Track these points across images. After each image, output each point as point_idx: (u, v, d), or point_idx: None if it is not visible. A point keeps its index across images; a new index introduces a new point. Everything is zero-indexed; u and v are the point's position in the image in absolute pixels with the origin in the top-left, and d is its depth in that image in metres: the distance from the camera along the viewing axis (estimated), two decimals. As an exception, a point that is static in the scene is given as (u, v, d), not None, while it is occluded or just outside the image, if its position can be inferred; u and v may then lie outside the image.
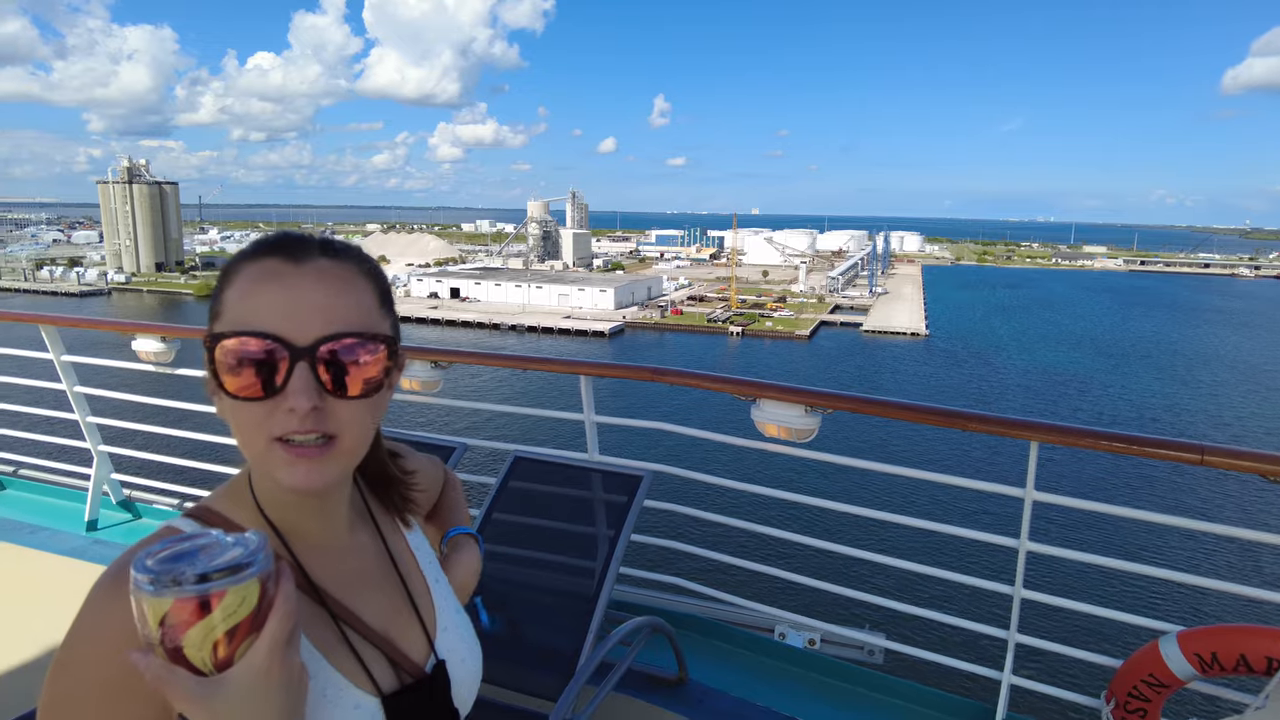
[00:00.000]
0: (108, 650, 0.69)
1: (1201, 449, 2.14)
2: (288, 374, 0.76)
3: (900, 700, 2.91)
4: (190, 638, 0.65)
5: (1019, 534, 2.56)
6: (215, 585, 0.64)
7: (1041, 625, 2.45)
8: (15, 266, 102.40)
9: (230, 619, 0.66)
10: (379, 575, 0.93)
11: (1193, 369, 58.83)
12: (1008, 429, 2.45)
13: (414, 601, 0.95)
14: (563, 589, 2.68)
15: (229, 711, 0.65)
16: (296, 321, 0.77)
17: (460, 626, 0.99)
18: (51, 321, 4.17)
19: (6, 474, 4.92)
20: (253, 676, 0.66)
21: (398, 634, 0.90)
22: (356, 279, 0.83)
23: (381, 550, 0.96)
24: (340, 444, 0.79)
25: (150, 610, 0.64)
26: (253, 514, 0.85)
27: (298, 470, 0.77)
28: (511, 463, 2.94)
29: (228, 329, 0.77)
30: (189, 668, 0.66)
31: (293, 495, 0.81)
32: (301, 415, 0.76)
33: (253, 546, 0.68)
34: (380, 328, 0.83)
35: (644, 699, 2.84)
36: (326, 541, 0.88)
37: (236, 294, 0.79)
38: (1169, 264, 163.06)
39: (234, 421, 0.79)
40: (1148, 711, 2.33)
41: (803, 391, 2.74)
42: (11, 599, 3.66)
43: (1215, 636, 2.18)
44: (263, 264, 0.79)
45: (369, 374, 0.80)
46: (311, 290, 0.78)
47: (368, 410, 0.82)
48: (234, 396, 0.77)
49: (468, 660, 0.97)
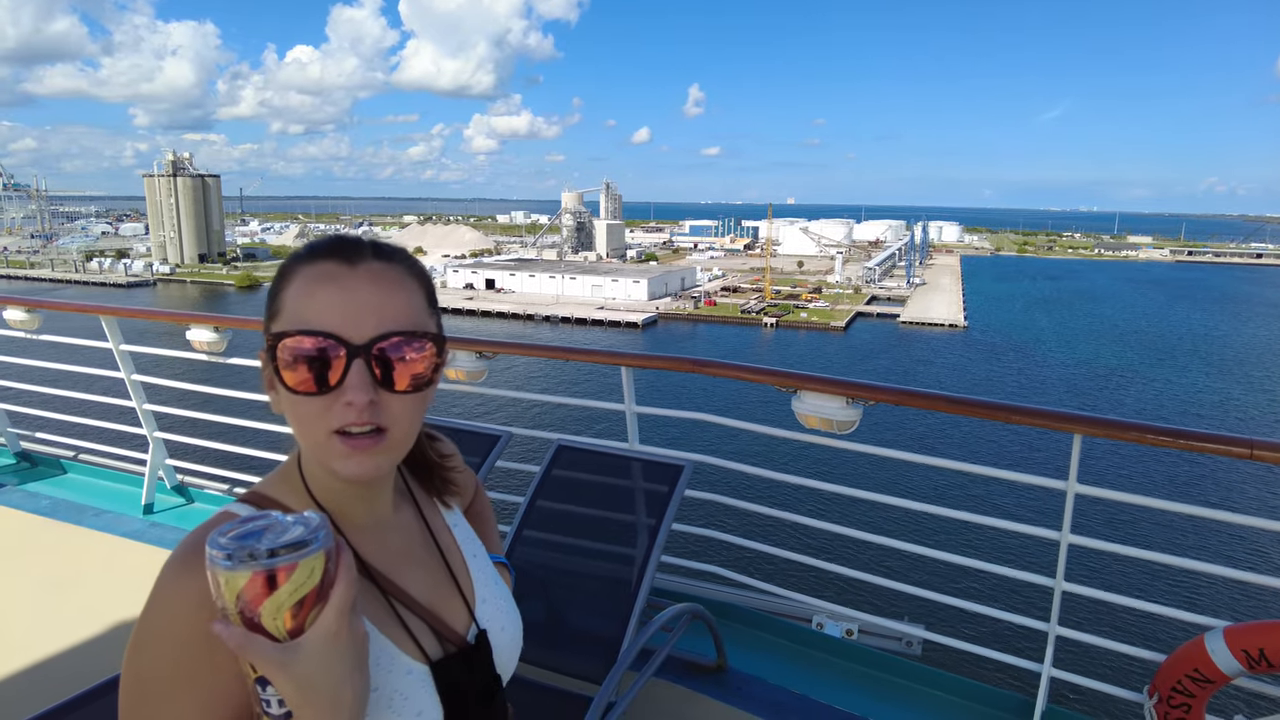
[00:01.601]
0: (186, 621, 0.75)
1: (1251, 443, 2.12)
2: (344, 370, 0.81)
3: (939, 691, 2.92)
4: (265, 608, 0.70)
5: (1061, 527, 2.55)
6: (284, 559, 0.70)
7: (1083, 618, 2.45)
8: (66, 258, 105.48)
9: (299, 591, 0.71)
10: (421, 552, 0.99)
11: (1244, 364, 57.05)
12: (1051, 421, 2.44)
13: (454, 576, 1.00)
14: (605, 576, 2.73)
15: (307, 672, 0.71)
16: (353, 321, 0.81)
17: (499, 598, 1.05)
18: (111, 312, 4.33)
19: (67, 458, 5.12)
20: (325, 640, 0.72)
21: (441, 606, 0.95)
22: (406, 280, 0.88)
23: (423, 529, 1.02)
24: (391, 436, 0.84)
25: (226, 584, 0.70)
26: (303, 498, 0.90)
27: (352, 461, 0.82)
28: (555, 452, 3.00)
29: (288, 327, 0.82)
30: (265, 635, 0.71)
31: (346, 483, 0.87)
32: (359, 409, 0.80)
33: (314, 525, 0.73)
34: (428, 326, 0.88)
35: (684, 685, 2.89)
36: (372, 523, 0.94)
37: (295, 294, 0.84)
38: (1219, 254, 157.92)
39: (292, 415, 0.84)
40: (1192, 707, 2.31)
41: (844, 383, 2.75)
42: (75, 578, 3.83)
43: (1264, 633, 2.16)
44: (319, 266, 0.84)
45: (417, 370, 0.85)
46: (366, 291, 0.83)
47: (416, 404, 0.86)
48: (293, 391, 0.82)
49: (507, 629, 1.02)
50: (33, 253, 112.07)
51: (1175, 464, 31.28)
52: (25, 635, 3.24)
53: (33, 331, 4.60)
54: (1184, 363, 56.69)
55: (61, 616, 3.40)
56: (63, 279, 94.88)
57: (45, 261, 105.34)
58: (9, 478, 4.93)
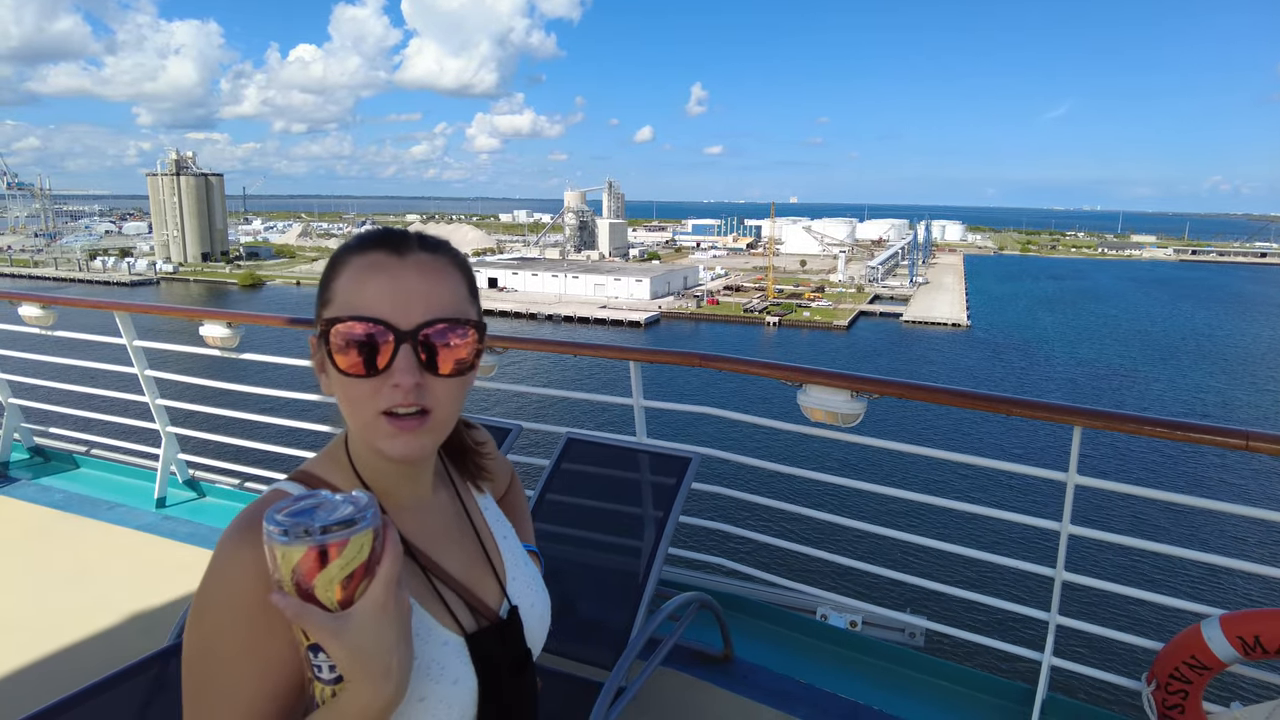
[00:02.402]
0: (245, 591, 0.80)
1: (1246, 434, 2.17)
2: (393, 354, 0.86)
3: (942, 681, 2.97)
4: (318, 581, 0.76)
5: (1061, 517, 2.61)
6: (336, 536, 0.75)
7: (1083, 607, 2.50)
8: (70, 257, 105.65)
9: (349, 565, 0.77)
10: (457, 532, 1.04)
11: (1248, 364, 56.93)
12: (1052, 414, 2.49)
13: (488, 555, 1.05)
14: (614, 565, 2.79)
15: (357, 640, 0.76)
16: (401, 308, 0.86)
17: (528, 577, 1.10)
18: (125, 308, 4.39)
19: (80, 453, 5.18)
20: (374, 610, 0.77)
21: (475, 583, 1.00)
22: (451, 270, 0.93)
23: (459, 510, 1.07)
24: (434, 417, 0.89)
25: (283, 558, 0.75)
26: (349, 477, 0.95)
27: (399, 441, 0.87)
28: (564, 444, 3.06)
29: (340, 314, 0.87)
30: (318, 605, 0.76)
31: (391, 463, 0.92)
32: (405, 390, 0.85)
33: (363, 504, 0.79)
34: (470, 314, 0.93)
35: (691, 673, 2.94)
36: (413, 503, 0.99)
37: (347, 283, 0.89)
38: (1223, 254, 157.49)
39: (343, 396, 0.89)
40: (1189, 693, 2.36)
41: (848, 377, 2.81)
42: (90, 569, 3.89)
43: (1259, 620, 2.21)
44: (369, 257, 0.89)
45: (460, 355, 0.90)
46: (413, 280, 0.88)
47: (458, 387, 0.91)
48: (344, 373, 0.87)
49: (536, 606, 1.08)
50: (36, 251, 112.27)
51: (1172, 456, 31.84)
52: (42, 625, 3.30)
53: (48, 328, 4.65)
54: (1188, 362, 56.59)
55: (78, 607, 3.46)
56: (66, 278, 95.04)
57: (49, 260, 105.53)
58: (23, 472, 4.99)
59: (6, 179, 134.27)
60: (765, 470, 3.36)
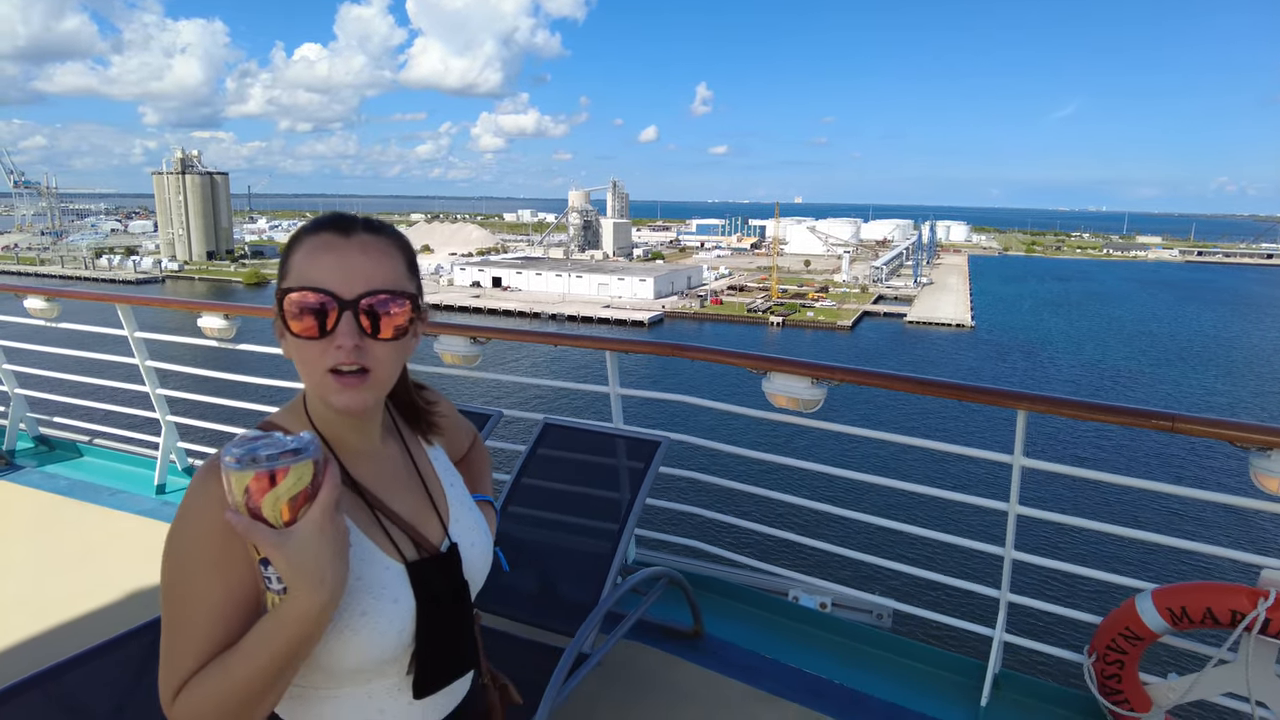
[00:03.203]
0: (210, 516, 0.95)
1: (1173, 417, 2.30)
2: (337, 320, 1.01)
3: (904, 658, 3.09)
4: (265, 501, 0.91)
5: (1009, 498, 2.74)
6: (281, 463, 0.91)
7: (1031, 584, 2.64)
8: (76, 255, 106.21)
9: (292, 489, 0.92)
10: (404, 477, 1.19)
11: (1254, 366, 56.79)
12: (998, 399, 2.62)
13: (431, 498, 1.20)
14: (585, 542, 2.93)
15: (297, 552, 0.91)
16: (345, 281, 1.01)
17: (470, 519, 1.25)
18: (127, 301, 4.54)
19: (83, 442, 5.34)
20: (311, 529, 0.92)
21: (419, 521, 1.15)
22: (391, 249, 1.08)
23: (407, 459, 1.22)
24: (374, 375, 1.04)
25: (236, 482, 0.91)
26: (305, 427, 1.10)
27: (343, 396, 1.03)
28: (541, 429, 3.20)
29: (293, 285, 1.02)
30: (266, 524, 0.91)
31: (339, 414, 1.08)
32: (348, 351, 1.00)
33: (305, 440, 0.94)
34: (407, 287, 1.08)
35: (661, 648, 3.08)
36: (363, 449, 1.14)
37: (300, 259, 1.04)
38: (1228, 255, 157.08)
39: (297, 357, 1.05)
40: (1125, 664, 2.49)
41: (809, 365, 2.94)
42: (92, 552, 4.04)
43: (1185, 593, 2.35)
44: (321, 237, 1.05)
45: (398, 322, 1.05)
46: (356, 257, 1.03)
47: (396, 350, 1.07)
48: (298, 336, 1.02)
49: (477, 545, 1.22)
50: (43, 249, 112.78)
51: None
52: (48, 603, 3.44)
53: (52, 320, 4.81)
54: (1193, 364, 56.47)
55: (82, 586, 3.60)
56: (72, 275, 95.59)
57: (55, 258, 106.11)
58: (28, 460, 5.15)
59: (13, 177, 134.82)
60: (736, 455, 3.49)
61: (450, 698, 1.17)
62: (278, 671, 0.93)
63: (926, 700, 2.85)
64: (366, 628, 1.02)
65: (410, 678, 1.09)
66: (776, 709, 2.79)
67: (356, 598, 1.01)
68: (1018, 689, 2.86)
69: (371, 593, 1.03)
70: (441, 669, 1.12)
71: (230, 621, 0.96)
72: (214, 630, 0.95)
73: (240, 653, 0.93)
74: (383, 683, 1.08)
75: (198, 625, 0.95)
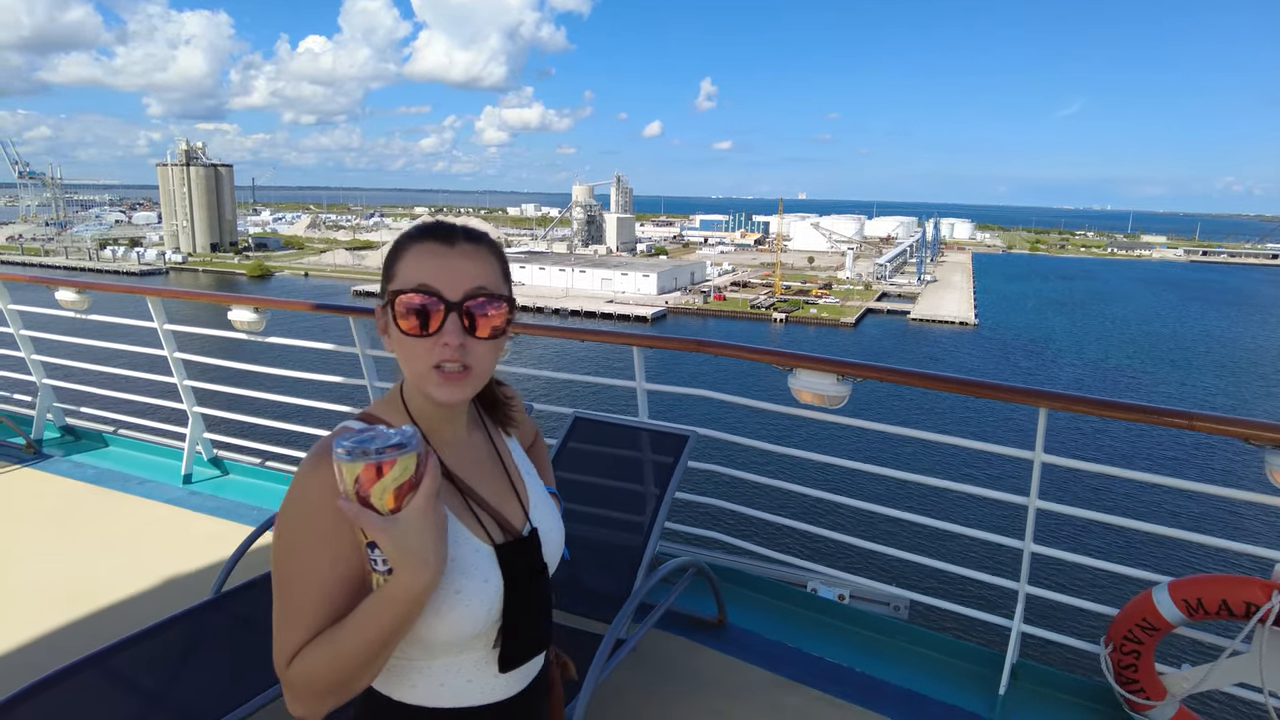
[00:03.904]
0: (318, 499, 1.04)
1: (1190, 415, 2.38)
2: (443, 320, 1.10)
3: (922, 648, 3.18)
4: (374, 491, 0.99)
5: (1029, 493, 2.82)
6: (388, 455, 0.99)
7: (1049, 577, 2.72)
8: (80, 246, 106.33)
9: (398, 479, 1.00)
10: (490, 466, 1.28)
11: (1259, 367, 56.59)
12: (1018, 396, 2.71)
13: (514, 485, 1.29)
14: (617, 533, 3.01)
15: (403, 537, 0.99)
16: (450, 284, 1.11)
17: (547, 507, 1.33)
18: (157, 294, 4.63)
19: (109, 432, 5.43)
20: (416, 515, 1.00)
21: (503, 506, 1.24)
22: (489, 256, 1.17)
23: (492, 449, 1.31)
24: (474, 372, 1.14)
25: (347, 472, 0.99)
26: (402, 417, 1.19)
27: (445, 389, 1.12)
28: (572, 422, 3.30)
29: (403, 287, 1.12)
30: (374, 511, 1.00)
31: (438, 406, 1.17)
32: (452, 349, 1.10)
33: (409, 434, 1.02)
34: (503, 291, 1.17)
35: (688, 637, 3.18)
36: (453, 439, 1.23)
37: (408, 264, 1.13)
38: (1233, 255, 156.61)
39: (402, 352, 1.13)
40: (1141, 654, 2.58)
41: (835, 362, 3.03)
42: (123, 540, 4.13)
43: (1201, 585, 2.43)
44: (426, 245, 1.14)
45: (495, 323, 1.14)
46: (460, 263, 1.13)
47: (493, 349, 1.16)
48: (405, 334, 1.11)
49: (552, 531, 1.31)
50: (47, 240, 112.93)
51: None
52: (79, 589, 3.52)
53: (82, 312, 4.90)
54: (1197, 365, 56.34)
55: (113, 572, 3.69)
56: (76, 266, 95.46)
57: (59, 249, 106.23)
58: (55, 449, 5.24)
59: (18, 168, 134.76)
60: (758, 449, 3.58)
61: (529, 671, 1.26)
62: (383, 644, 1.02)
63: (945, 688, 2.94)
64: (460, 605, 1.10)
65: (496, 651, 1.18)
66: (798, 694, 2.89)
67: (451, 577, 1.10)
68: (1035, 679, 2.95)
69: (464, 573, 1.12)
70: (525, 644, 1.21)
71: (336, 598, 1.05)
72: (321, 606, 1.04)
73: (350, 626, 1.02)
74: (471, 656, 1.17)
75: (308, 600, 1.04)
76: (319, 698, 1.03)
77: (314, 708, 1.04)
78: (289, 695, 1.05)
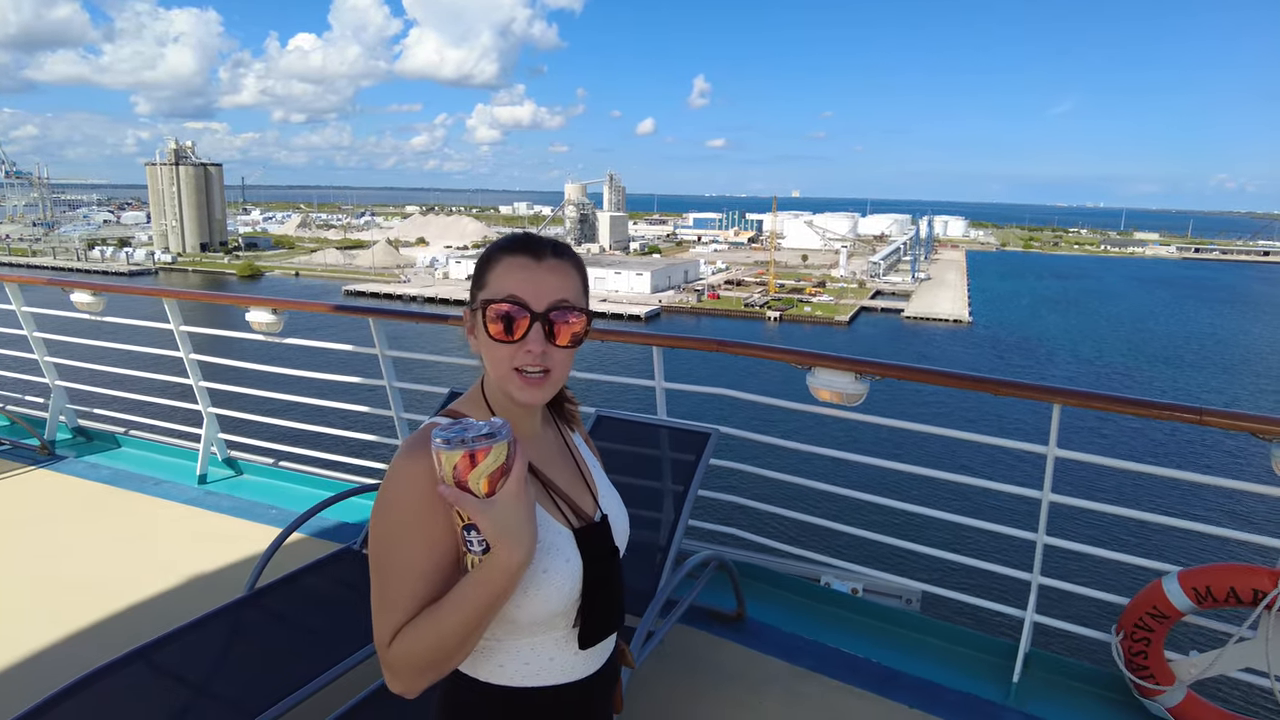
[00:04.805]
0: (417, 485, 1.13)
1: (1200, 410, 2.48)
2: (528, 328, 1.19)
3: (936, 639, 3.27)
4: (471, 477, 1.08)
5: (1042, 486, 2.91)
6: (482, 444, 1.08)
7: (1061, 568, 2.82)
8: (69, 246, 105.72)
9: (491, 466, 1.09)
10: (561, 458, 1.37)
11: (1251, 364, 57.09)
12: (1032, 393, 2.80)
13: (584, 476, 1.38)
14: (643, 529, 3.09)
15: (500, 517, 1.08)
16: (536, 295, 1.20)
17: (614, 496, 1.43)
18: (174, 295, 4.69)
19: (121, 434, 5.47)
20: (509, 498, 1.09)
21: (576, 495, 1.33)
22: (572, 270, 1.26)
23: (562, 443, 1.41)
24: (552, 376, 1.23)
25: (446, 461, 1.08)
26: (485, 414, 1.28)
27: (527, 391, 1.22)
28: (595, 421, 3.37)
29: (494, 296, 1.21)
30: (471, 495, 1.08)
31: (519, 406, 1.26)
32: (535, 355, 1.19)
33: (499, 425, 1.12)
34: (583, 303, 1.27)
35: (708, 631, 3.27)
36: (530, 435, 1.32)
37: (498, 274, 1.22)
38: (1226, 252, 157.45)
39: (488, 354, 1.23)
40: (1151, 641, 2.67)
41: (853, 360, 3.12)
42: (139, 539, 4.19)
43: (1210, 574, 2.52)
44: (516, 258, 1.23)
45: (574, 331, 1.23)
46: (546, 276, 1.22)
47: (570, 356, 1.25)
48: (492, 338, 1.21)
49: (620, 517, 1.40)
50: (35, 240, 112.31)
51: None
52: (98, 588, 3.58)
53: (98, 314, 4.94)
54: (1190, 362, 56.71)
55: (131, 571, 3.75)
56: (64, 267, 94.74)
57: (47, 249, 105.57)
58: (68, 450, 5.28)
59: (5, 167, 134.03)
60: (776, 446, 3.66)
61: (603, 650, 1.34)
62: (479, 621, 1.10)
63: (959, 677, 3.03)
64: (548, 583, 1.20)
65: (576, 630, 1.26)
66: (816, 684, 2.97)
67: (538, 558, 1.18)
68: (1047, 667, 3.04)
69: (549, 553, 1.21)
70: (603, 621, 1.29)
71: (432, 579, 1.13)
72: (418, 586, 1.12)
73: (449, 605, 1.10)
74: (554, 635, 1.25)
75: (406, 581, 1.12)
76: (419, 674, 1.11)
77: (413, 684, 1.12)
78: (389, 674, 1.13)
